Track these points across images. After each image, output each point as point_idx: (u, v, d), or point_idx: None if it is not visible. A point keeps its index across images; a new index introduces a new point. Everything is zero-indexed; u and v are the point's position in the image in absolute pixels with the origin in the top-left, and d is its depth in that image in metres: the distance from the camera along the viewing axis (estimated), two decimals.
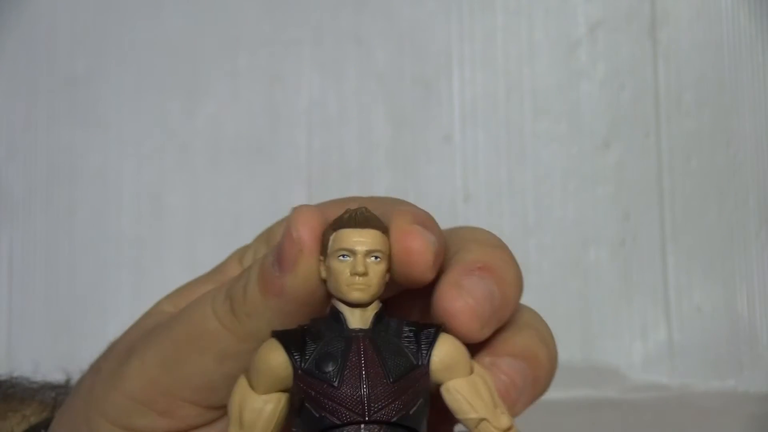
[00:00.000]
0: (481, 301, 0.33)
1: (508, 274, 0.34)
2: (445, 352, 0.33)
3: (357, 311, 0.32)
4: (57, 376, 0.49)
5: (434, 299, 0.33)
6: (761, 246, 0.76)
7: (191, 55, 0.79)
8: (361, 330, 0.32)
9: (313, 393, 0.31)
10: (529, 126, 0.78)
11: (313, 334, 0.32)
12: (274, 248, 0.33)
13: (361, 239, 0.32)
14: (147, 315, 0.41)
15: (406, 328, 0.33)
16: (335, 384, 0.31)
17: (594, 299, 0.76)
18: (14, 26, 0.79)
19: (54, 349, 0.77)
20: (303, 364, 0.31)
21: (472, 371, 0.33)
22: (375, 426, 0.31)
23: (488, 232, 0.36)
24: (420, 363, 0.32)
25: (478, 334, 0.33)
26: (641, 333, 0.76)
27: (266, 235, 0.40)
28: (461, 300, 0.33)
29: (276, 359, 0.32)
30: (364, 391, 0.31)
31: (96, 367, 0.39)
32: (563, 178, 0.78)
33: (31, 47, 0.79)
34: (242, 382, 0.33)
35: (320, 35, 0.79)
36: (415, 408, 0.32)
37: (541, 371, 0.34)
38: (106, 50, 0.79)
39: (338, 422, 0.31)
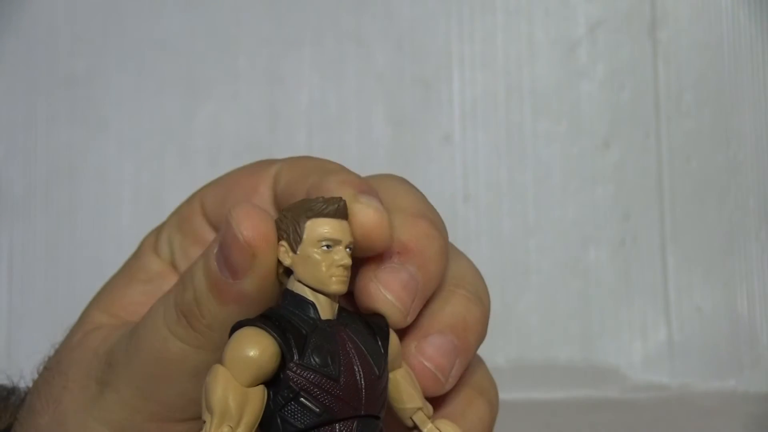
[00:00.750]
0: (401, 293, 0.32)
1: (431, 249, 0.33)
2: (395, 344, 0.33)
3: (328, 302, 0.32)
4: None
5: (355, 292, 0.33)
6: (761, 246, 0.76)
7: (191, 55, 0.79)
8: (332, 321, 0.32)
9: (310, 386, 0.30)
10: (529, 126, 0.78)
11: (293, 324, 0.31)
12: (215, 252, 0.31)
13: (343, 230, 0.32)
14: (82, 332, 0.38)
15: (361, 320, 0.32)
16: (337, 378, 0.31)
17: (594, 299, 0.76)
18: (14, 26, 0.79)
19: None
20: (298, 357, 0.31)
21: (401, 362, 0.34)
22: (367, 419, 0.31)
23: (409, 192, 0.35)
24: (385, 355, 0.32)
25: (403, 323, 0.33)
26: (641, 333, 0.76)
27: (176, 219, 0.39)
28: (380, 295, 0.32)
29: (267, 351, 0.30)
30: (361, 384, 0.31)
31: (53, 398, 0.37)
32: (563, 178, 0.78)
33: (31, 47, 0.79)
34: (224, 373, 0.31)
35: (320, 35, 0.79)
36: (387, 399, 0.32)
37: (471, 336, 0.34)
38: (106, 50, 0.79)
39: (336, 416, 0.30)
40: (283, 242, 0.32)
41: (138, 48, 0.79)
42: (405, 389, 0.33)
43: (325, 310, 0.32)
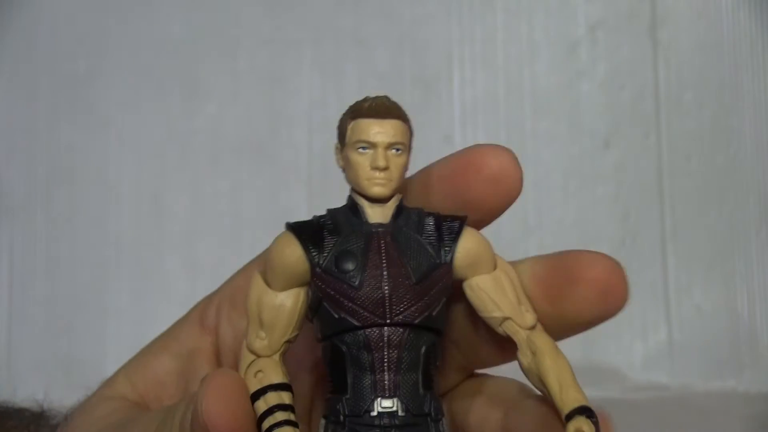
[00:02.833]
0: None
1: None
2: (468, 247, 0.31)
3: (377, 206, 0.31)
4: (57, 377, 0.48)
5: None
6: (761, 246, 0.76)
7: (191, 55, 0.79)
8: (381, 225, 0.31)
9: (331, 292, 0.30)
10: (529, 126, 0.78)
11: (330, 228, 0.31)
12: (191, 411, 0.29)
13: (382, 130, 0.31)
14: (100, 396, 0.37)
15: (429, 222, 0.31)
16: (355, 284, 0.30)
17: None
18: (14, 26, 0.79)
19: (54, 349, 0.77)
20: (321, 261, 0.30)
21: (495, 266, 0.32)
22: (398, 329, 0.30)
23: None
24: (443, 261, 0.31)
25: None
26: (641, 333, 0.76)
27: (230, 289, 0.37)
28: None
29: (292, 255, 0.30)
30: (386, 292, 0.30)
31: None
32: (563, 178, 0.78)
33: (32, 47, 0.79)
34: (258, 280, 0.31)
35: (320, 35, 0.79)
36: (438, 308, 0.30)
37: None
38: (106, 50, 0.79)
39: (358, 324, 0.29)
40: (338, 144, 0.32)
41: (138, 48, 0.79)
42: (490, 296, 0.31)
43: (375, 213, 0.31)
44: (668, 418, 0.71)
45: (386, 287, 0.30)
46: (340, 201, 0.34)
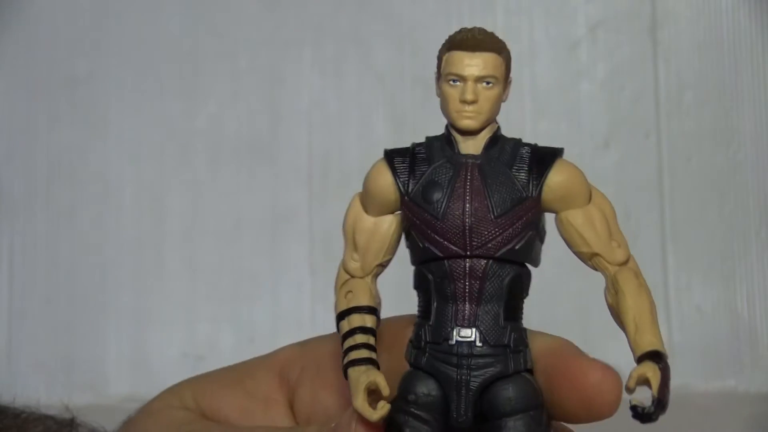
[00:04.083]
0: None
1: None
2: (559, 181, 0.32)
3: (469, 137, 0.31)
4: (59, 378, 0.48)
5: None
6: (761, 246, 0.76)
7: (191, 55, 0.79)
8: (471, 156, 0.31)
9: (417, 221, 0.31)
10: (529, 126, 0.78)
11: (423, 157, 0.31)
12: None
13: (471, 63, 0.31)
14: (165, 403, 0.38)
15: (522, 153, 0.32)
16: (438, 215, 0.30)
17: (594, 299, 0.76)
18: (14, 26, 0.79)
19: (54, 349, 0.77)
20: (410, 190, 0.31)
21: (590, 200, 0.33)
22: (481, 260, 0.30)
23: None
24: (529, 195, 0.31)
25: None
26: None
27: (318, 355, 0.37)
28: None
29: (384, 183, 0.32)
30: (467, 224, 0.30)
31: None
32: None
33: (31, 47, 0.79)
34: (355, 203, 0.32)
35: (320, 35, 0.79)
36: (522, 242, 0.31)
37: None
38: (106, 50, 0.79)
39: (440, 255, 0.30)
40: (436, 73, 0.32)
41: (138, 48, 0.79)
42: (578, 231, 0.32)
43: (467, 144, 0.31)
44: (668, 418, 0.71)
45: (467, 220, 0.30)
46: (340, 200, 0.34)
